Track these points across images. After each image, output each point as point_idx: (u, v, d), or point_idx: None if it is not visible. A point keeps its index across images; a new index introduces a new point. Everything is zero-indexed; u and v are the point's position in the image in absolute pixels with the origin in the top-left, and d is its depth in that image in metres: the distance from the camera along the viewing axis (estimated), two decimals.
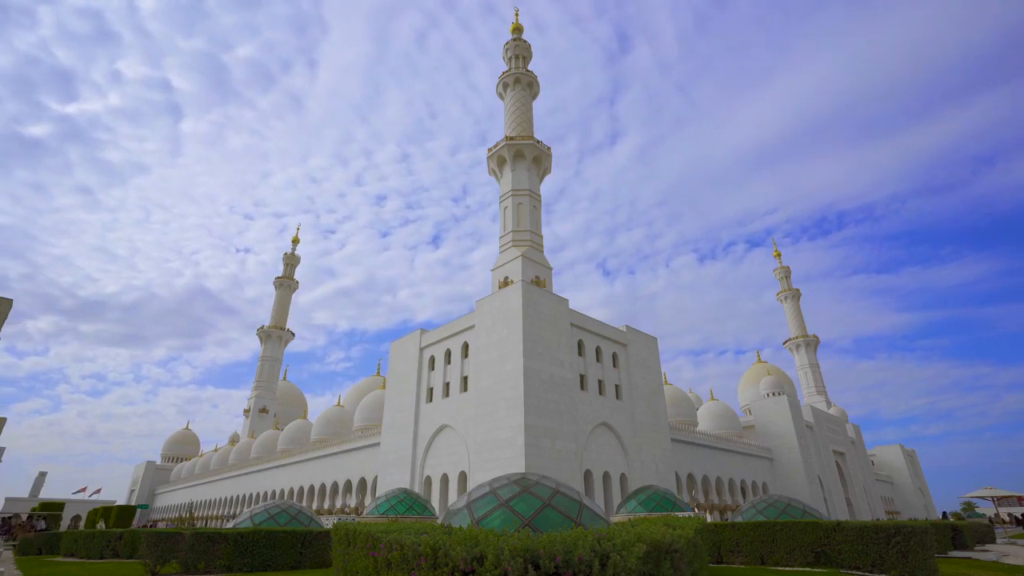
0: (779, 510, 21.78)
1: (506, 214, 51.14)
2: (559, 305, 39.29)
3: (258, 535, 18.08)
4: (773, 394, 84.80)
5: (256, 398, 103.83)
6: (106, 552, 27.64)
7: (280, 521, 21.95)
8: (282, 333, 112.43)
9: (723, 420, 68.63)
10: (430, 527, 8.78)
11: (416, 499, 28.43)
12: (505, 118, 58.29)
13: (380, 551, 7.72)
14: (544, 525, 9.79)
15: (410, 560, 6.84)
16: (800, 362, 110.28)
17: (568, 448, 34.86)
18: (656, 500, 26.73)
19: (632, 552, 6.26)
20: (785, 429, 65.47)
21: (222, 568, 17.43)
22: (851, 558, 16.80)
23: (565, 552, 6.05)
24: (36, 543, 36.17)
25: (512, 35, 62.51)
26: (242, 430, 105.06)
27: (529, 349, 34.85)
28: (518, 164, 52.81)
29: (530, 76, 59.15)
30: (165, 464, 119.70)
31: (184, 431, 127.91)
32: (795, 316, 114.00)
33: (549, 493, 10.85)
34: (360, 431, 58.09)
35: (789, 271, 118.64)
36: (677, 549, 7.29)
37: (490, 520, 10.15)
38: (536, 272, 47.20)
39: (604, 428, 39.73)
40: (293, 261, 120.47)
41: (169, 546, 17.83)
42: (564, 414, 35.70)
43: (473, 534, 6.94)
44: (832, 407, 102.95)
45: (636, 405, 43.18)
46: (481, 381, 36.96)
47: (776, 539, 18.47)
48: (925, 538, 15.73)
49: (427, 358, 44.42)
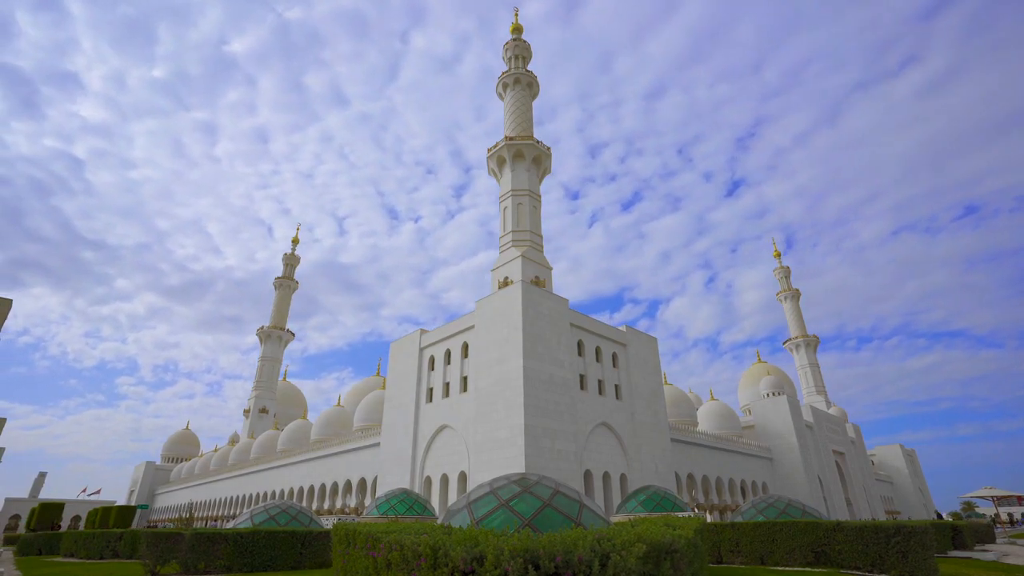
0: (779, 510, 21.78)
1: (506, 214, 51.14)
2: (559, 305, 39.29)
3: (258, 535, 18.08)
4: (773, 394, 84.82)
5: (256, 398, 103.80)
6: (106, 552, 27.66)
7: (280, 521, 21.95)
8: (282, 333, 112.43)
9: (723, 420, 68.59)
10: (430, 527, 8.77)
11: (416, 499, 28.43)
12: (505, 118, 58.28)
13: (380, 551, 7.72)
14: (544, 525, 9.79)
15: (410, 560, 6.84)
16: (800, 362, 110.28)
17: (568, 448, 34.86)
18: (656, 500, 26.73)
19: (632, 552, 6.26)
20: (785, 429, 65.48)
21: (222, 568, 17.43)
22: (851, 558, 16.80)
23: (565, 552, 6.05)
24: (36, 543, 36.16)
25: (512, 35, 62.53)
26: (242, 430, 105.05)
27: (529, 349, 34.85)
28: (518, 164, 52.82)
29: (530, 76, 59.16)
30: (165, 464, 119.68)
31: (184, 431, 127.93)
32: (795, 316, 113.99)
33: (549, 493, 10.85)
34: (360, 431, 58.06)
35: (789, 271, 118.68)
36: (677, 549, 7.29)
37: (490, 520, 10.16)
38: (536, 272, 47.21)
39: (604, 428, 39.73)
40: (293, 261, 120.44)
41: (169, 546, 17.84)
42: (564, 414, 35.69)
43: (473, 534, 6.94)
44: (832, 407, 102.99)
45: (636, 405, 43.17)
46: (481, 381, 36.96)
47: (776, 539, 18.47)
48: (925, 538, 15.73)
49: (427, 358, 44.42)
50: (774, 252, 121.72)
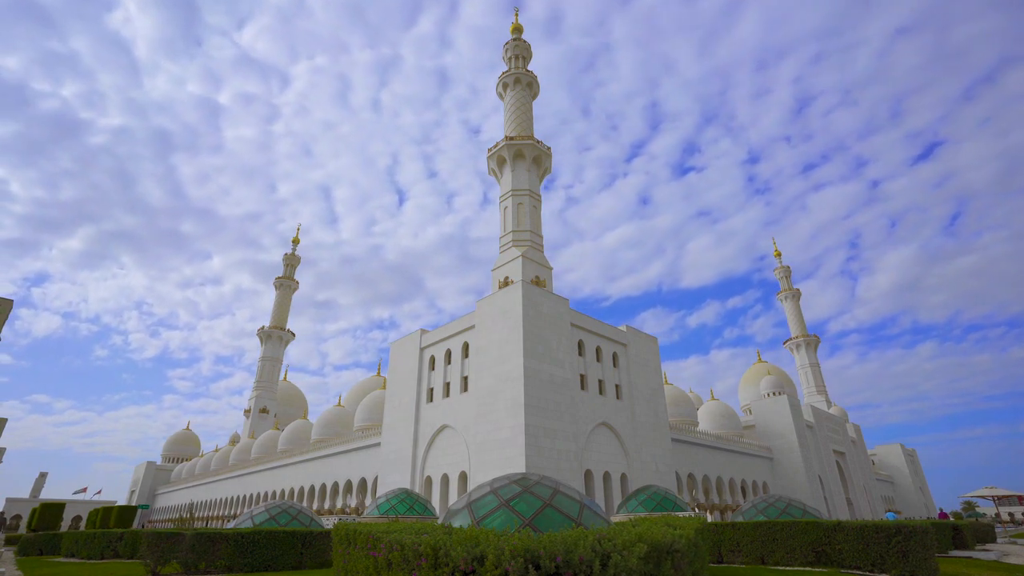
0: (779, 510, 21.79)
1: (506, 214, 51.14)
2: (559, 305, 39.29)
3: (259, 535, 18.09)
4: (773, 394, 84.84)
5: (256, 398, 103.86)
6: (107, 552, 27.66)
7: (281, 521, 21.95)
8: (282, 333, 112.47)
9: (723, 420, 68.59)
10: (430, 527, 8.77)
11: (416, 499, 28.43)
12: (505, 118, 58.31)
13: (380, 551, 7.72)
14: (545, 525, 9.78)
15: (410, 560, 6.84)
16: (800, 362, 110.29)
17: (568, 448, 34.85)
18: (656, 500, 26.73)
19: (633, 552, 6.26)
20: (785, 429, 65.46)
21: (223, 568, 17.43)
22: (851, 558, 16.80)
23: (566, 552, 6.05)
24: (37, 543, 36.17)
25: (512, 35, 62.54)
26: (242, 430, 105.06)
27: (529, 349, 34.85)
28: (518, 164, 52.82)
29: (530, 76, 59.17)
30: (166, 464, 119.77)
31: (184, 431, 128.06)
32: (795, 316, 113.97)
33: (549, 493, 10.85)
34: (360, 431, 58.04)
35: (789, 271, 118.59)
36: (678, 549, 7.29)
37: (491, 520, 10.15)
38: (536, 272, 47.21)
39: (604, 428, 39.72)
40: (293, 261, 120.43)
41: (170, 546, 17.83)
42: (564, 414, 35.69)
43: (474, 534, 6.94)
44: (832, 407, 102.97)
45: (636, 405, 43.16)
46: (481, 381, 36.95)
47: (776, 539, 18.47)
48: (925, 538, 15.74)
49: (427, 358, 44.41)
50: (774, 252, 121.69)
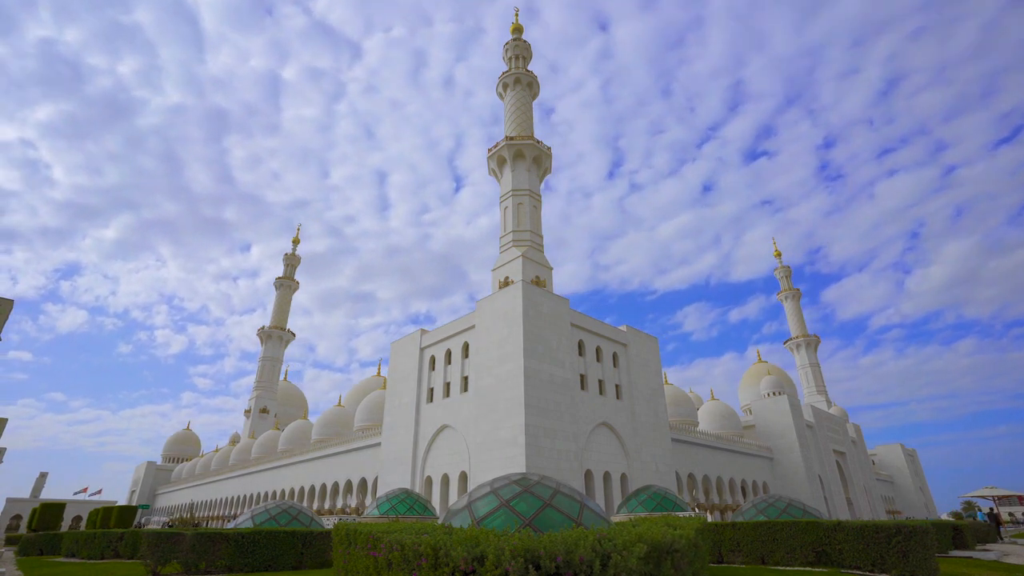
0: (779, 510, 21.78)
1: (506, 214, 51.15)
2: (559, 305, 39.29)
3: (259, 535, 18.09)
4: (773, 394, 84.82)
5: (256, 398, 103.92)
6: (107, 552, 27.67)
7: (281, 521, 21.94)
8: (282, 334, 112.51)
9: (723, 420, 68.61)
10: (431, 527, 8.78)
11: (417, 499, 28.43)
12: (505, 118, 58.31)
13: (381, 551, 7.72)
14: (545, 525, 9.79)
15: (411, 560, 6.84)
16: (800, 362, 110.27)
17: (568, 448, 34.86)
18: (656, 500, 26.73)
19: (633, 552, 6.27)
20: (785, 429, 65.45)
21: (223, 568, 17.44)
22: (852, 558, 16.80)
23: (566, 552, 6.06)
24: (38, 543, 36.20)
25: (512, 35, 62.55)
26: (242, 430, 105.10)
27: (529, 349, 34.85)
28: (518, 164, 52.83)
29: (530, 76, 59.17)
30: (166, 464, 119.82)
31: (185, 431, 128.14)
32: (795, 316, 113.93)
33: (550, 493, 10.85)
34: (361, 431, 58.05)
35: (789, 271, 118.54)
36: (678, 549, 7.29)
37: (491, 520, 10.15)
38: (536, 272, 47.23)
39: (604, 428, 39.72)
40: (293, 261, 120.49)
41: (170, 546, 17.84)
42: (564, 414, 35.69)
43: (474, 534, 6.95)
44: (832, 407, 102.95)
45: (636, 405, 43.16)
46: (481, 381, 36.96)
47: (777, 539, 18.47)
48: (925, 538, 15.73)
49: (427, 358, 44.42)
50: (775, 252, 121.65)
